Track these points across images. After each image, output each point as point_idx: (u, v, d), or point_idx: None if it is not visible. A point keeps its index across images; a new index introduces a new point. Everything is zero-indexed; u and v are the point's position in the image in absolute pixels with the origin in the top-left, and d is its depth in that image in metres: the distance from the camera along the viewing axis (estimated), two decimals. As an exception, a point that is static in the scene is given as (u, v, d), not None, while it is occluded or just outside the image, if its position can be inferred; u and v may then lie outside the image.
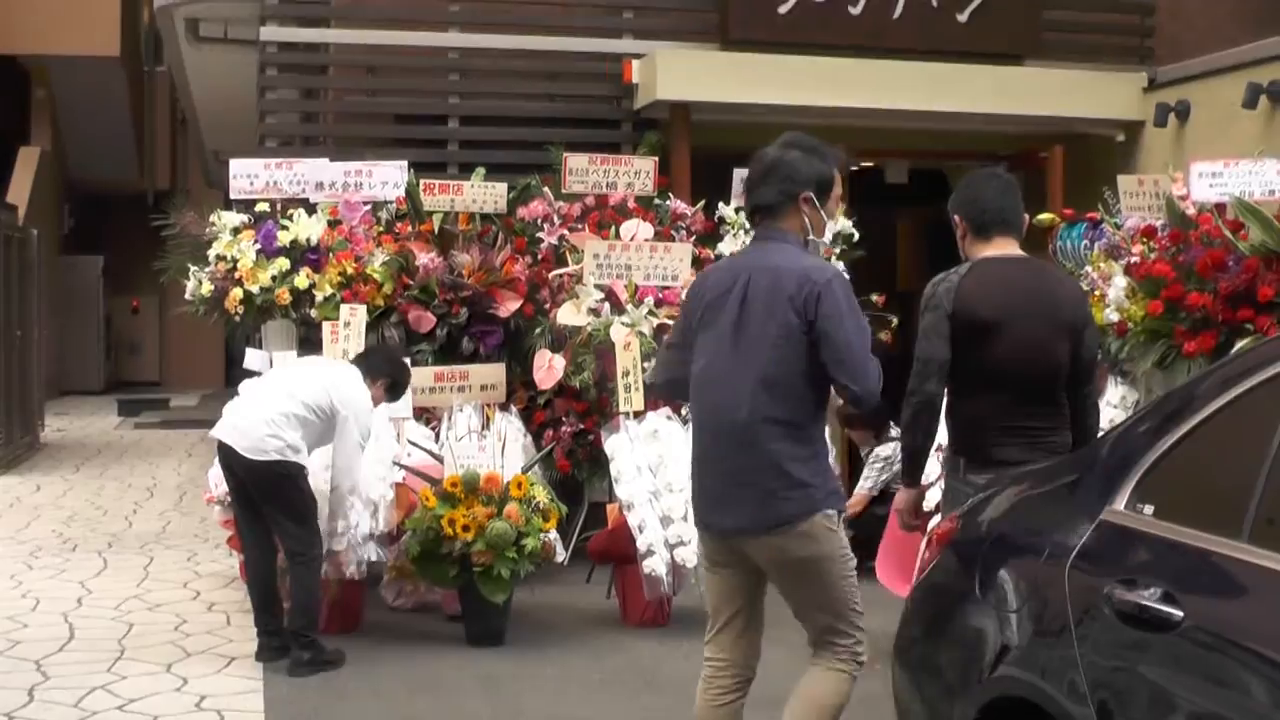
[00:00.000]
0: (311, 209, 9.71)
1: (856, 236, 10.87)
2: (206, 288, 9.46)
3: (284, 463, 7.54)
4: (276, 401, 7.65)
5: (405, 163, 10.15)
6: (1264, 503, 3.42)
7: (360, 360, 8.20)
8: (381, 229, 9.93)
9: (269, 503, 7.64)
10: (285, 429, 7.55)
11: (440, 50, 12.24)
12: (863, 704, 6.77)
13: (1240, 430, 3.68)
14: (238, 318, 9.47)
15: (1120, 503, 3.83)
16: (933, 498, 6.99)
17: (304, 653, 7.57)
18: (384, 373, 8.14)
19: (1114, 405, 8.55)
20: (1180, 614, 3.38)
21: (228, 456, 7.66)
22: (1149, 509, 3.74)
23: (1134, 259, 8.53)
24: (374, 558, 8.40)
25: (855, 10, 12.51)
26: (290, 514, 7.63)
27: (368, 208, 9.88)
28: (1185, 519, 3.62)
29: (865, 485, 9.94)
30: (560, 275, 9.72)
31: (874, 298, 10.80)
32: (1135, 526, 3.74)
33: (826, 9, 12.45)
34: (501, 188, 10.14)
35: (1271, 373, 3.61)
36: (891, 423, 9.54)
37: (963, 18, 12.78)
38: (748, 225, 10.44)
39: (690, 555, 8.21)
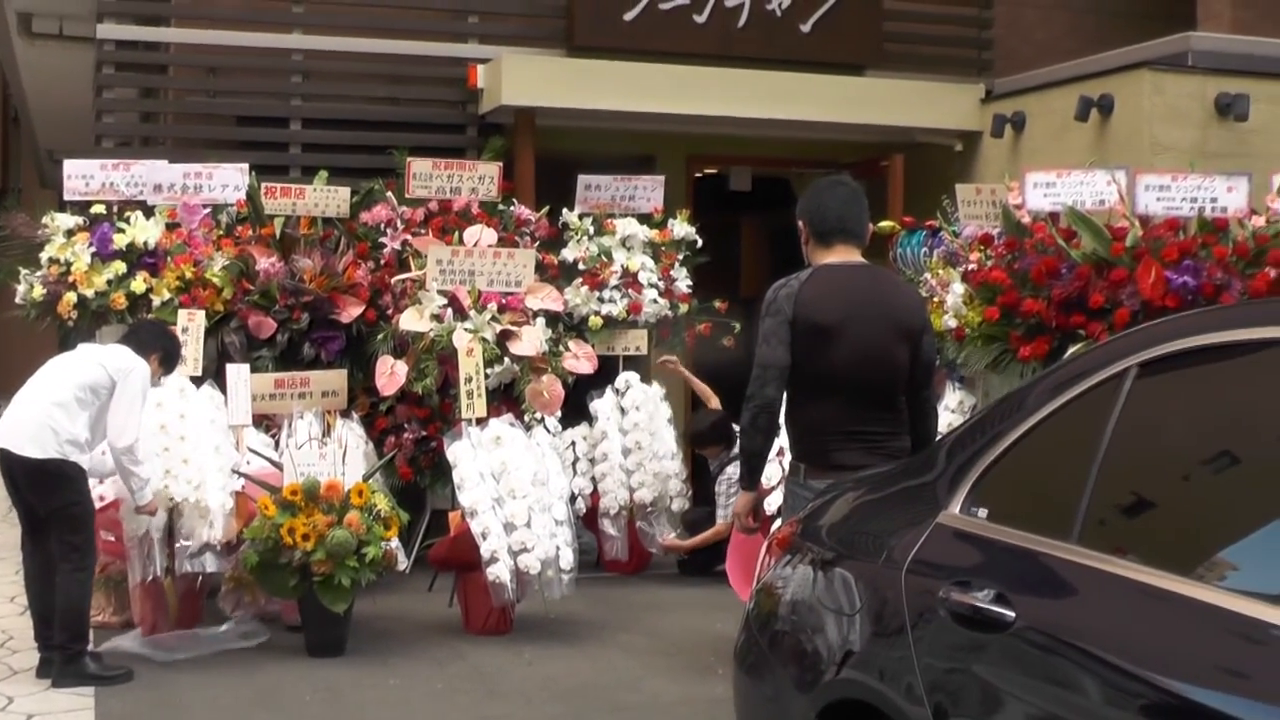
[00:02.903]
0: (149, 211, 9.57)
1: (700, 243, 10.93)
2: (38, 291, 9.27)
3: (64, 462, 7.31)
4: (51, 392, 7.42)
5: (246, 165, 10.06)
6: (1092, 505, 3.49)
7: (129, 339, 7.95)
8: (221, 232, 9.80)
9: (46, 505, 7.41)
10: (63, 420, 7.32)
11: (283, 52, 12.10)
12: (709, 707, 6.85)
13: (1070, 434, 3.75)
14: (71, 323, 9.28)
15: (955, 506, 3.88)
16: (775, 502, 7.04)
17: (70, 666, 7.38)
18: (156, 347, 7.94)
19: (952, 410, 8.67)
20: (1012, 615, 3.43)
21: (8, 462, 7.42)
22: (983, 512, 3.80)
23: (971, 266, 8.65)
24: (212, 568, 8.27)
25: (701, 19, 12.58)
26: (66, 519, 7.40)
27: (207, 210, 9.75)
28: (1018, 522, 3.69)
29: (723, 514, 9.94)
30: (403, 281, 9.65)
31: (716, 304, 10.87)
32: (969, 530, 3.80)
33: (672, 17, 12.51)
34: (344, 192, 10.06)
35: (1099, 378, 3.68)
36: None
37: (806, 28, 12.90)
38: (591, 231, 10.50)
39: (533, 562, 8.19)
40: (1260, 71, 11.95)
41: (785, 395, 5.71)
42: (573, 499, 9.62)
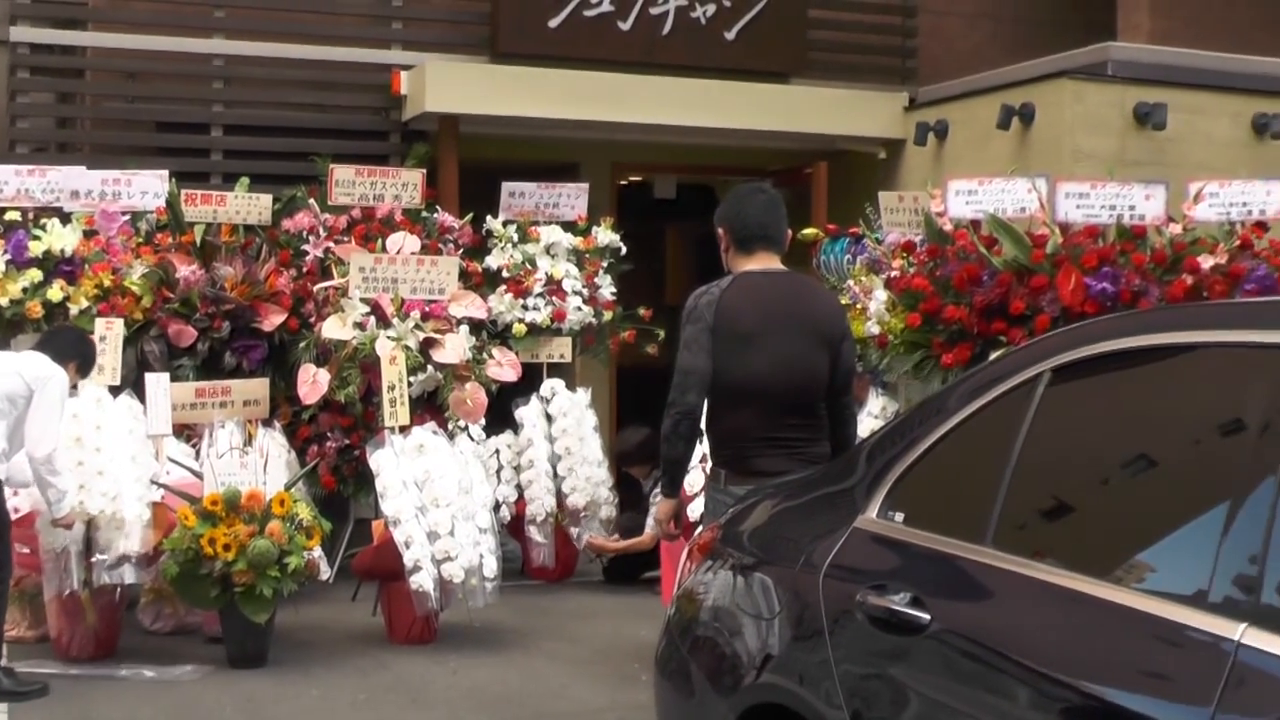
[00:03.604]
0: (66, 218, 9.44)
1: (624, 250, 10.92)
2: (-49, 300, 9.13)
3: None
4: None
5: (166, 172, 9.95)
6: (1006, 508, 3.51)
7: (45, 346, 7.81)
8: (141, 240, 9.69)
9: None
10: None
11: (204, 57, 12.00)
12: (633, 714, 6.84)
13: (985, 438, 3.77)
14: (-16, 332, 9.16)
15: (873, 511, 3.90)
16: (698, 509, 7.05)
17: None
18: (73, 354, 7.83)
19: (874, 416, 8.71)
20: (928, 617, 3.45)
21: None
22: (900, 516, 3.81)
23: (894, 273, 8.69)
24: (130, 580, 8.17)
25: (625, 26, 12.58)
26: None
27: (126, 218, 9.64)
28: (934, 525, 3.71)
29: (652, 526, 9.90)
30: (325, 288, 9.59)
31: (641, 311, 10.87)
32: (886, 534, 3.82)
33: (597, 24, 12.50)
34: (266, 199, 9.98)
35: (1014, 383, 3.70)
36: None
37: (731, 36, 12.93)
38: (515, 239, 10.47)
39: (457, 571, 8.16)
40: (1178, 82, 12.09)
41: (706, 402, 5.71)
42: (497, 507, 9.57)
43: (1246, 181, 9.02)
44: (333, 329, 9.17)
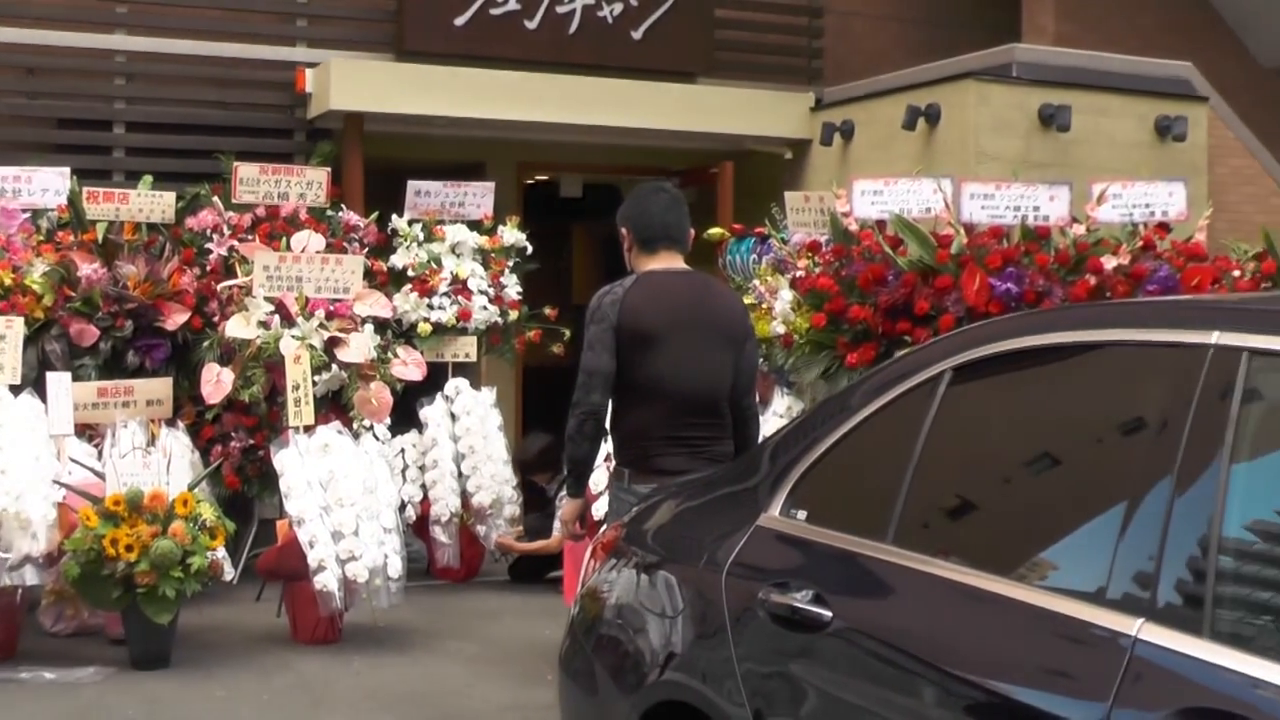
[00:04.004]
0: (-35, 216, 9.31)
1: (530, 249, 10.91)
2: None
3: None
4: None
5: (68, 169, 9.84)
6: (907, 506, 3.54)
7: None
8: (41, 238, 9.55)
9: None
10: None
11: (106, 53, 11.87)
12: (538, 713, 6.83)
13: (886, 437, 3.80)
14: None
15: (775, 509, 3.92)
16: (602, 508, 7.05)
17: None
18: None
19: (780, 415, 8.74)
20: (829, 615, 3.47)
21: None
22: (802, 514, 3.83)
23: (799, 273, 8.73)
24: (32, 581, 8.06)
25: (532, 24, 12.57)
26: None
27: (27, 215, 9.51)
28: (836, 523, 3.73)
29: (559, 529, 9.90)
30: (229, 287, 9.50)
31: (547, 310, 10.86)
32: (789, 531, 3.84)
33: (503, 23, 12.48)
34: (169, 197, 9.88)
35: (915, 381, 3.73)
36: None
37: (638, 35, 12.95)
38: (421, 238, 10.43)
39: (362, 570, 8.12)
40: (1082, 84, 12.25)
41: (611, 401, 5.73)
42: (402, 507, 9.54)
43: (1149, 183, 9.17)
44: (237, 328, 9.10)
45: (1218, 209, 10.59)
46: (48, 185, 9.63)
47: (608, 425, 5.85)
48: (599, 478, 7.52)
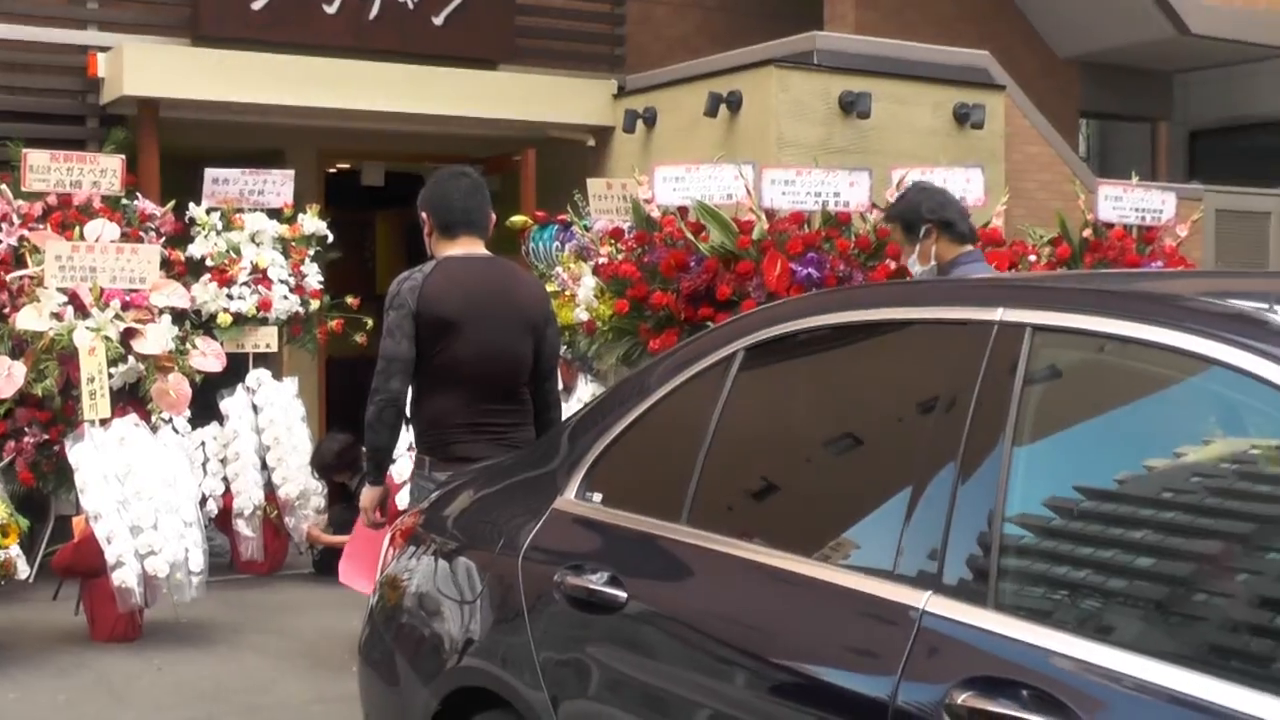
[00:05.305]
0: None
1: (331, 238, 10.79)
2: None
3: None
4: None
5: None
6: (701, 487, 3.56)
7: None
8: None
9: None
10: None
11: (-116, 35, 11.51)
12: (342, 706, 6.77)
13: (680, 418, 3.82)
14: None
15: (571, 492, 3.92)
16: (406, 497, 7.00)
17: None
18: None
19: (583, 402, 8.72)
20: (625, 595, 3.49)
21: None
22: (598, 497, 3.85)
23: (602, 260, 8.75)
24: None
25: (331, 9, 12.44)
26: None
27: None
28: (631, 505, 3.75)
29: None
30: (20, 278, 9.27)
31: (349, 300, 10.76)
32: (584, 514, 3.85)
33: (301, 7, 12.33)
34: (-45, 185, 9.62)
35: (709, 362, 3.75)
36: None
37: (439, 21, 12.87)
38: (219, 226, 10.26)
39: (162, 565, 7.98)
40: (881, 71, 12.44)
41: (411, 388, 5.70)
42: (204, 500, 9.40)
43: (948, 169, 9.34)
44: (28, 320, 8.87)
45: (1014, 195, 10.83)
46: None
47: (408, 413, 5.81)
48: (404, 466, 7.48)
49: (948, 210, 6.41)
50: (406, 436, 6.39)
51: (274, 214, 10.62)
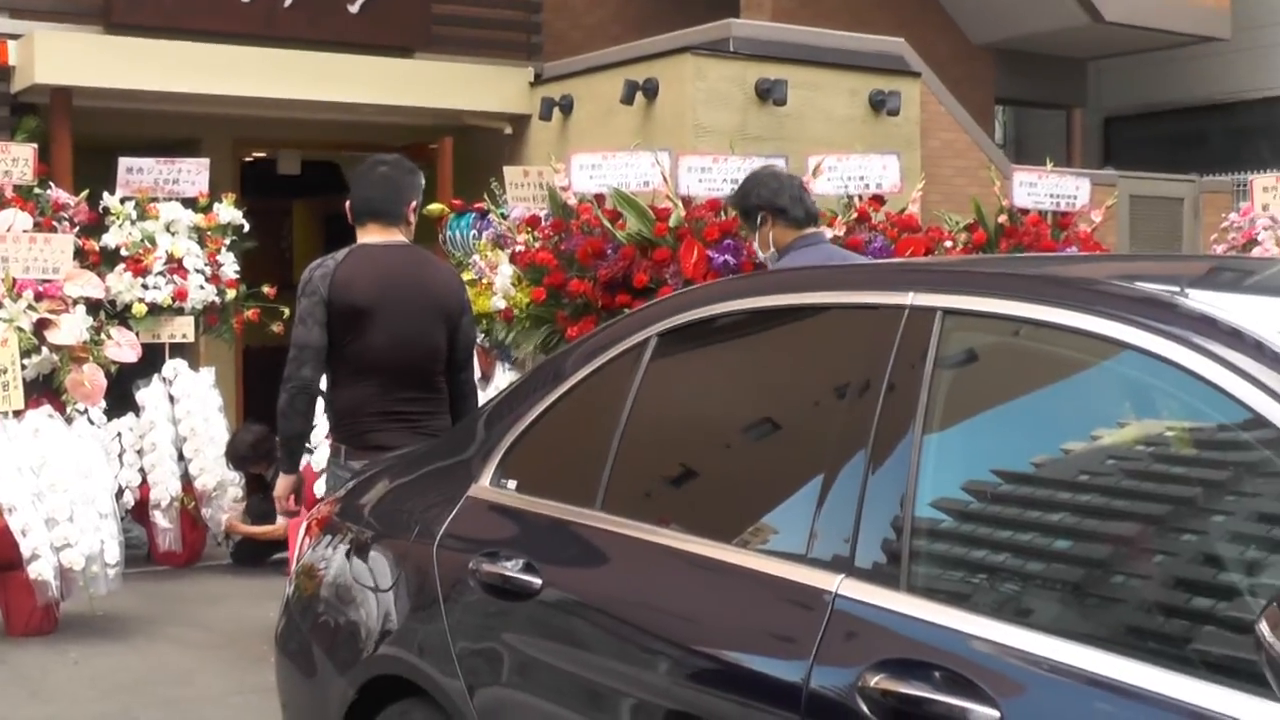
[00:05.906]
0: None
1: (247, 227, 10.72)
2: None
3: None
4: None
5: None
6: (614, 473, 3.57)
7: None
8: None
9: None
10: None
11: None
12: (260, 697, 6.74)
13: (594, 404, 3.82)
14: None
15: (486, 479, 3.92)
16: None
17: None
18: None
19: (501, 390, 8.75)
20: (539, 582, 3.49)
21: None
22: (513, 484, 3.84)
23: (519, 248, 8.76)
24: None
25: (245, -3, 12.36)
26: None
27: None
28: (545, 491, 3.75)
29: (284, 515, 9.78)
30: (-71, 269, 9.17)
31: (265, 289, 10.69)
32: (499, 501, 3.85)
33: (216, -6, 12.25)
34: None
35: (623, 348, 3.76)
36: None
37: (354, 9, 12.82)
38: (134, 216, 10.18)
39: (78, 558, 7.92)
40: (798, 59, 12.50)
41: (325, 377, 5.68)
42: (120, 492, 9.33)
43: (864, 156, 9.41)
44: (-62, 311, 8.79)
45: (930, 181, 10.91)
46: None
47: (322, 401, 5.80)
48: (322, 455, 7.46)
49: (779, 197, 6.37)
50: (324, 424, 6.39)
51: (189, 203, 10.54)
